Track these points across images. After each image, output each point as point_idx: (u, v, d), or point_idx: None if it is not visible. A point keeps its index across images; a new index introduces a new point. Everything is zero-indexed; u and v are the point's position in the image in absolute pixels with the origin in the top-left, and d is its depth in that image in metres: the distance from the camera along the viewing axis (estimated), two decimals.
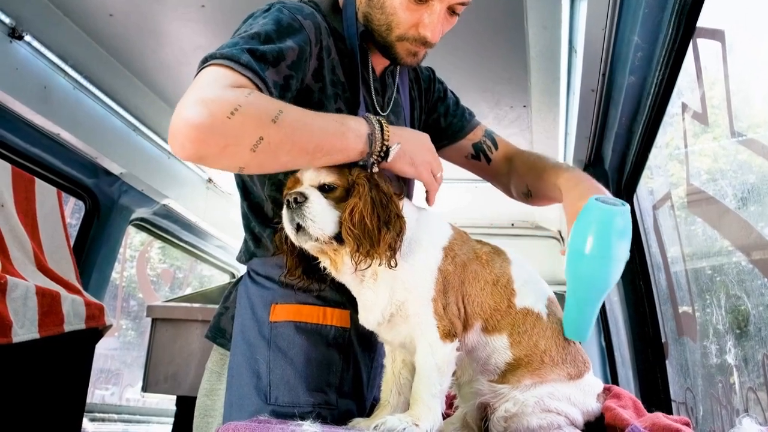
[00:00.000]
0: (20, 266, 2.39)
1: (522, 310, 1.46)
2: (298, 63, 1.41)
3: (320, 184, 1.37)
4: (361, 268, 1.34)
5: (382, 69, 1.72)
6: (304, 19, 1.47)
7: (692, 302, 2.36)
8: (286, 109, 1.27)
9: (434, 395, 1.34)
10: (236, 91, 1.23)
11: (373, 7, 1.56)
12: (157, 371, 3.36)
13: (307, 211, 1.32)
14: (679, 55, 1.99)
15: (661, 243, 2.70)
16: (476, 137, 1.90)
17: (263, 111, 1.23)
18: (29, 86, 2.99)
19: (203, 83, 1.24)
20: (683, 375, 2.55)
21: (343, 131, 1.34)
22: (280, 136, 1.24)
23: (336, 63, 1.57)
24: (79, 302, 2.54)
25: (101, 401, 5.57)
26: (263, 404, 1.48)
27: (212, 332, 1.73)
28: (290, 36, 1.41)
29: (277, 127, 1.24)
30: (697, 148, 2.19)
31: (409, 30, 1.55)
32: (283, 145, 1.26)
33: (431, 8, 1.52)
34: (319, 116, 1.34)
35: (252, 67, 1.29)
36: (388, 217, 1.32)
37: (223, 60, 1.27)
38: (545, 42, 2.62)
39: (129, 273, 7.59)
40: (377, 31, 1.58)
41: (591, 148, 2.93)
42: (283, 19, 1.43)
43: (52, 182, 3.19)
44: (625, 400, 1.54)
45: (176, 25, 2.99)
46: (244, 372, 1.53)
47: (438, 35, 1.58)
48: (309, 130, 1.29)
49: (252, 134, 1.22)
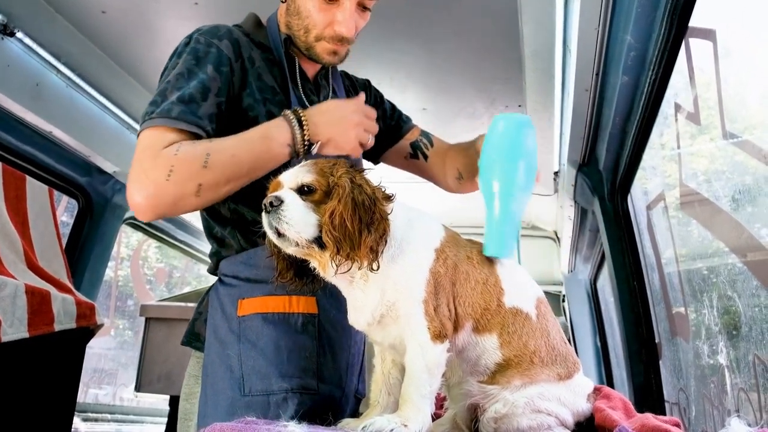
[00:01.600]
0: (10, 265, 2.38)
1: (511, 309, 1.45)
2: (223, 87, 1.57)
3: (299, 185, 1.35)
4: (341, 271, 1.32)
5: (314, 73, 1.85)
6: (219, 41, 1.63)
7: (685, 303, 2.36)
8: (213, 149, 1.43)
9: (424, 396, 1.33)
10: (167, 152, 1.41)
11: (291, 15, 1.71)
12: (150, 371, 3.36)
13: (283, 214, 1.31)
14: (672, 55, 1.99)
15: (655, 243, 2.70)
16: (413, 136, 2.04)
17: (193, 161, 1.40)
18: (21, 83, 2.98)
19: (142, 153, 1.44)
20: (676, 375, 2.55)
21: (268, 144, 1.48)
22: (215, 176, 1.42)
23: (263, 71, 1.70)
24: (69, 301, 2.53)
25: (95, 401, 5.55)
26: (239, 396, 1.52)
27: (187, 337, 1.78)
28: (209, 62, 1.57)
29: (209, 170, 1.41)
30: (689, 149, 2.19)
31: (325, 29, 1.67)
32: (220, 181, 1.44)
33: (342, 6, 1.65)
34: (243, 139, 1.48)
35: (183, 117, 1.46)
36: (371, 219, 1.30)
37: (159, 120, 1.45)
38: (540, 41, 2.62)
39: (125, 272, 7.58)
40: (298, 36, 1.72)
41: (585, 149, 2.93)
42: (200, 49, 1.60)
43: (44, 180, 3.18)
44: (615, 401, 1.54)
45: (170, 23, 2.98)
46: (217, 369, 1.58)
47: (352, 31, 1.69)
48: (237, 159, 1.45)
49: (190, 185, 1.40)
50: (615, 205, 2.99)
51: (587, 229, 3.91)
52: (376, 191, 1.36)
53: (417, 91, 3.47)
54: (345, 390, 1.67)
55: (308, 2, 1.65)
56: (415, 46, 3.00)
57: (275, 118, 1.60)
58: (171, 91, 1.51)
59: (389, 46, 3.02)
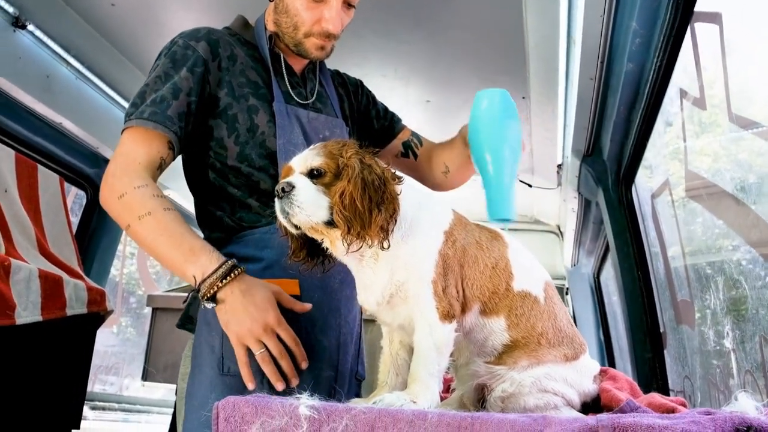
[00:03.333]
0: (23, 250, 2.41)
1: (520, 293, 1.47)
2: (195, 86, 1.68)
3: (309, 169, 1.38)
4: (353, 250, 1.34)
5: (301, 68, 1.93)
6: (196, 42, 1.73)
7: (691, 290, 2.37)
8: (154, 215, 1.52)
9: (432, 374, 1.35)
10: (131, 177, 1.56)
11: (280, 13, 1.80)
12: (157, 361, 3.37)
13: (294, 199, 1.33)
14: (677, 40, 1.99)
15: (660, 232, 2.71)
16: (405, 137, 2.13)
17: (136, 207, 1.52)
18: (32, 75, 3.01)
19: (119, 156, 1.62)
20: (681, 364, 2.57)
21: (183, 268, 1.51)
22: (139, 233, 1.53)
23: (246, 67, 1.79)
24: (81, 287, 2.56)
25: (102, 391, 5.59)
26: (218, 375, 1.60)
27: (182, 320, 1.84)
28: (184, 65, 1.69)
29: (139, 225, 1.52)
30: (694, 134, 2.20)
31: (313, 26, 1.76)
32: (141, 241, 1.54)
33: (329, 4, 1.74)
34: (174, 241, 1.53)
35: (153, 118, 1.61)
36: (381, 198, 1.32)
37: (134, 121, 1.61)
38: (544, 31, 2.63)
39: (129, 270, 7.61)
40: (287, 33, 1.80)
41: (589, 139, 2.94)
42: (177, 52, 1.71)
43: (54, 171, 3.21)
44: (621, 381, 1.56)
45: (177, 15, 3.00)
46: (203, 348, 1.64)
47: (339, 27, 1.79)
48: (155, 245, 1.53)
49: (124, 219, 1.54)
50: (619, 195, 3.00)
51: (591, 221, 3.92)
52: (385, 171, 1.38)
53: (420, 83, 3.49)
54: (339, 369, 1.72)
55: (296, 1, 1.75)
56: (419, 37, 3.02)
57: (256, 112, 1.72)
58: (149, 93, 1.66)
59: (393, 38, 3.04)
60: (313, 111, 1.85)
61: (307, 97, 1.88)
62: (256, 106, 1.74)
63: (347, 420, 1.03)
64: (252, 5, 1.98)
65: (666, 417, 1.04)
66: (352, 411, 1.05)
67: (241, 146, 1.72)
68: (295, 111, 1.79)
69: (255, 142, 1.72)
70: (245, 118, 1.72)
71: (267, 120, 1.74)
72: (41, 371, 2.45)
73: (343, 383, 1.72)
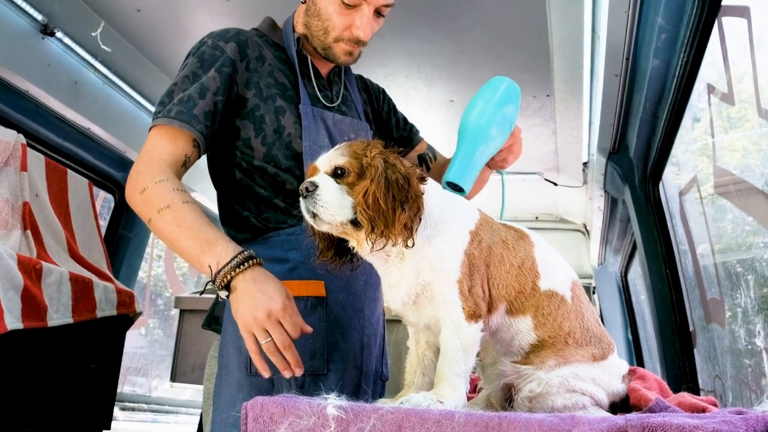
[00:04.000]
0: (54, 254, 2.46)
1: (546, 292, 1.46)
2: (222, 86, 1.70)
3: (333, 168, 1.39)
4: (377, 249, 1.35)
5: (327, 71, 1.95)
6: (225, 43, 1.75)
7: (720, 288, 2.33)
8: (173, 208, 1.54)
9: (459, 374, 1.35)
10: (153, 172, 1.58)
11: (311, 16, 1.81)
12: (185, 362, 3.41)
13: (318, 198, 1.35)
14: (704, 35, 1.97)
15: (688, 229, 2.67)
16: (422, 149, 2.14)
17: (156, 200, 1.54)
18: (61, 82, 3.07)
19: (146, 153, 1.63)
20: (712, 363, 2.53)
21: (200, 259, 1.51)
22: (158, 226, 1.55)
23: (275, 68, 1.81)
24: (110, 289, 2.60)
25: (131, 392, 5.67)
26: (246, 375, 1.61)
27: (207, 320, 1.86)
28: (212, 65, 1.71)
29: (159, 218, 1.54)
30: (723, 130, 2.17)
31: (344, 32, 1.78)
32: (159, 234, 1.57)
33: (361, 12, 1.75)
34: (192, 233, 1.53)
35: (179, 117, 1.63)
36: (405, 197, 1.33)
37: (160, 119, 1.64)
38: (568, 28, 2.61)
39: (156, 272, 7.70)
40: (316, 36, 1.82)
41: (615, 136, 2.91)
42: (206, 52, 1.73)
43: (83, 175, 3.26)
44: (650, 381, 1.54)
45: (202, 19, 3.03)
46: (230, 349, 1.66)
47: (369, 35, 1.80)
48: (174, 237, 1.54)
49: (146, 214, 1.57)
50: (647, 193, 2.97)
51: (617, 219, 3.88)
52: (409, 170, 1.39)
53: (444, 82, 3.48)
54: (363, 369, 1.73)
55: (329, 6, 1.75)
56: (442, 37, 3.01)
57: (283, 113, 1.74)
58: (176, 92, 1.68)
59: (416, 37, 3.04)
60: (339, 113, 1.86)
61: (332, 99, 1.90)
62: (283, 108, 1.75)
63: (374, 420, 1.04)
64: (277, 9, 2.00)
65: (696, 416, 1.03)
66: (380, 411, 1.05)
67: (268, 147, 1.73)
68: (321, 113, 1.80)
69: (281, 143, 1.74)
70: (272, 119, 1.74)
71: (293, 121, 1.75)
72: (72, 372, 2.49)
73: (368, 384, 1.74)
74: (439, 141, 4.01)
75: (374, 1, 1.75)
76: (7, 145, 2.49)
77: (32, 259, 2.22)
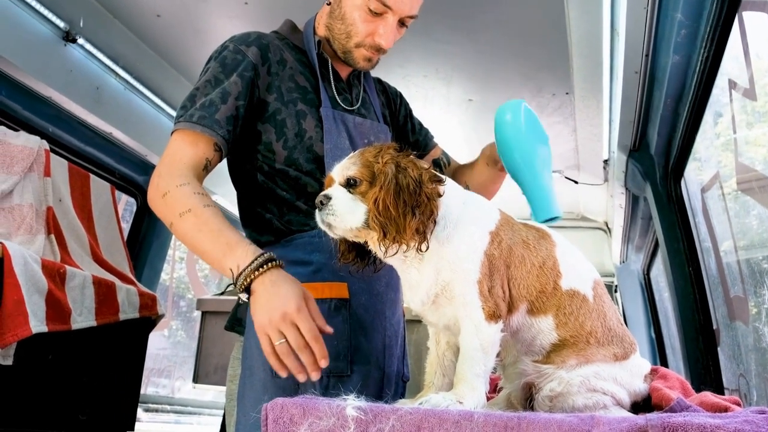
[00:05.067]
0: (77, 257, 2.49)
1: (568, 291, 1.45)
2: (243, 90, 1.70)
3: (345, 179, 1.40)
4: (390, 254, 1.36)
5: (347, 74, 1.95)
6: (247, 47, 1.75)
7: (744, 285, 2.30)
8: (194, 211, 1.54)
9: (478, 375, 1.34)
10: (175, 176, 1.58)
11: (335, 19, 1.81)
12: (207, 363, 3.44)
13: (332, 210, 1.37)
14: (725, 30, 1.94)
15: (711, 226, 2.64)
16: (436, 154, 2.14)
17: (177, 205, 1.55)
18: (83, 87, 3.11)
19: (167, 157, 1.64)
20: (736, 361, 2.50)
21: (222, 262, 1.52)
22: (180, 230, 1.56)
23: (296, 72, 1.82)
24: (133, 292, 2.63)
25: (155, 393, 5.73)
26: (270, 377, 1.60)
27: (230, 322, 1.87)
28: (234, 70, 1.71)
29: (181, 222, 1.54)
30: (745, 125, 2.14)
31: (366, 38, 1.79)
32: (182, 237, 1.58)
33: (386, 20, 1.76)
34: (213, 236, 1.54)
35: (201, 122, 1.64)
36: (416, 201, 1.33)
37: (183, 123, 1.64)
38: (587, 25, 2.59)
39: (178, 274, 7.77)
40: (338, 39, 1.82)
41: (636, 133, 2.89)
42: (227, 57, 1.73)
43: (106, 180, 3.31)
44: (673, 380, 1.53)
45: (221, 23, 3.06)
46: (254, 351, 1.65)
47: (391, 43, 1.81)
48: (195, 241, 1.55)
49: (167, 218, 1.57)
50: (668, 190, 2.94)
51: (639, 217, 3.85)
52: (423, 174, 1.38)
53: (462, 82, 3.47)
54: (385, 371, 1.73)
55: (354, 12, 1.76)
56: (460, 36, 3.01)
57: (304, 117, 1.74)
58: (198, 97, 1.68)
59: (433, 37, 3.03)
60: (359, 116, 1.87)
61: (352, 102, 1.91)
62: (304, 111, 1.76)
63: (394, 421, 1.04)
64: (296, 12, 2.01)
65: (718, 416, 1.02)
66: (399, 412, 1.05)
67: (289, 150, 1.74)
68: (342, 116, 1.81)
69: (303, 147, 1.74)
70: (293, 123, 1.74)
71: (314, 125, 1.76)
72: (96, 375, 2.52)
73: (390, 385, 1.74)
74: (457, 140, 4.02)
75: (399, 11, 1.75)
76: (31, 151, 2.53)
77: (56, 263, 2.26)
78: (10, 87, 2.82)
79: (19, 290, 2.07)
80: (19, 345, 2.09)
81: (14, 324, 2.05)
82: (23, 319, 2.07)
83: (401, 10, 1.76)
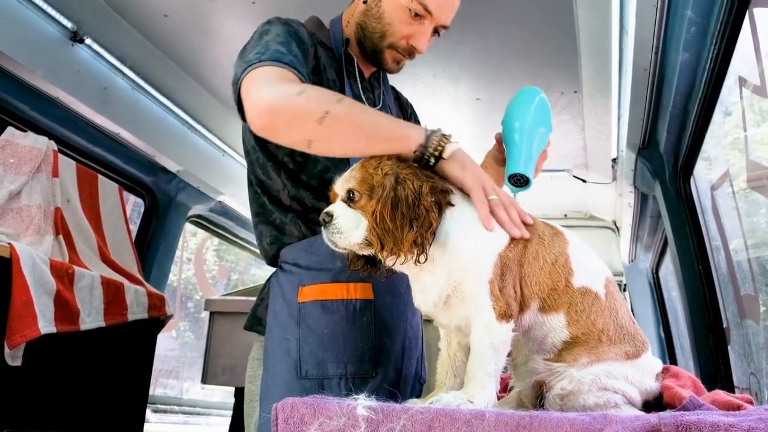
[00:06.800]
0: (86, 258, 2.50)
1: (580, 289, 1.44)
2: (306, 62, 1.63)
3: (346, 192, 1.41)
4: (388, 266, 1.38)
5: (369, 74, 1.94)
6: (298, 27, 1.71)
7: (755, 283, 2.29)
8: (344, 100, 1.45)
9: (489, 374, 1.34)
10: (293, 84, 1.45)
11: (370, 17, 1.79)
12: (215, 363, 3.44)
13: (336, 228, 1.38)
14: (735, 27, 1.93)
15: (720, 225, 2.63)
16: None
17: (326, 94, 1.44)
18: (90, 88, 3.12)
19: (263, 76, 1.46)
20: (746, 360, 2.49)
21: (402, 124, 1.47)
22: (345, 111, 1.42)
23: (325, 66, 1.78)
24: (141, 293, 2.64)
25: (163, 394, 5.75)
26: (295, 379, 1.60)
27: (250, 322, 1.87)
28: (295, 41, 1.64)
29: (341, 105, 1.42)
30: (755, 123, 2.13)
31: (400, 40, 1.77)
32: (347, 121, 1.43)
33: (423, 25, 1.75)
34: (379, 113, 1.49)
35: (295, 66, 1.52)
36: (415, 214, 1.33)
37: (270, 62, 1.49)
38: (595, 24, 2.58)
39: (186, 275, 7.80)
40: (370, 38, 1.80)
41: (645, 131, 2.87)
42: (288, 28, 1.67)
43: (114, 180, 3.32)
44: (684, 379, 1.52)
45: (228, 23, 3.06)
46: (277, 351, 1.65)
47: (424, 49, 1.81)
48: (361, 118, 1.44)
49: (318, 109, 1.40)
50: (677, 188, 2.92)
51: (648, 215, 3.84)
52: (423, 185, 1.37)
53: (470, 80, 3.47)
54: (403, 372, 1.72)
55: (394, 12, 1.74)
56: (468, 34, 3.00)
57: None
58: (265, 52, 1.53)
59: (442, 36, 3.02)
60: None
61: (375, 102, 1.91)
62: None
63: (404, 420, 1.03)
64: (303, 12, 2.00)
65: (731, 414, 1.01)
66: (410, 411, 1.05)
67: None
68: None
69: None
70: None
71: None
72: (105, 375, 2.53)
73: (407, 386, 1.73)
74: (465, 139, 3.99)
75: (437, 19, 1.75)
76: (39, 151, 2.54)
77: (64, 263, 2.26)
78: (17, 87, 2.83)
79: (27, 291, 2.07)
80: (28, 346, 2.10)
81: (23, 325, 2.05)
82: (32, 320, 2.08)
83: (439, 17, 1.75)
